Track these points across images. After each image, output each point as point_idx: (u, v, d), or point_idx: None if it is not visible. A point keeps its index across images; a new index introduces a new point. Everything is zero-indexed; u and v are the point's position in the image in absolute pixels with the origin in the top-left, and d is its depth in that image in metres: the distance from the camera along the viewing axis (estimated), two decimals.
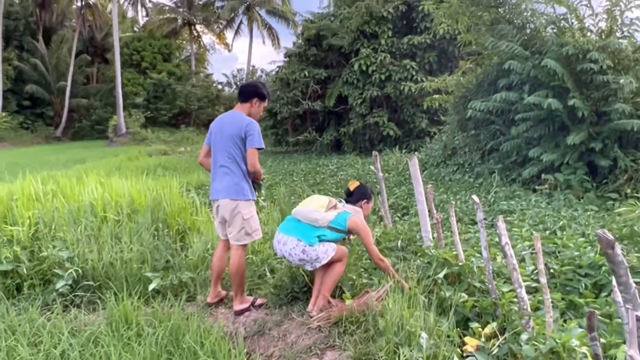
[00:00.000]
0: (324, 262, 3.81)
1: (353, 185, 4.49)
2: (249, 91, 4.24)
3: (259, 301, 4.19)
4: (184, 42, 55.50)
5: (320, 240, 3.84)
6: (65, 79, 43.35)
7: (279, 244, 3.94)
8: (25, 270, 4.58)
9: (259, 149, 4.03)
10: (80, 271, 4.60)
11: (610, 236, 2.00)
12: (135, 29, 54.04)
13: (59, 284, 4.39)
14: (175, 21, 49.42)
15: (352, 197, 4.38)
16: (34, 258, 4.82)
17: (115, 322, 3.59)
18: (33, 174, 7.77)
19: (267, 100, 4.34)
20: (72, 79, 43.34)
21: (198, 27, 52.60)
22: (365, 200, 4.37)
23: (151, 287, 4.40)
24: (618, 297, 2.38)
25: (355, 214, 4.12)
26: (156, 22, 48.18)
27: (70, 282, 4.46)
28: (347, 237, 4.20)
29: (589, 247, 4.70)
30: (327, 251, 3.82)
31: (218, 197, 4.11)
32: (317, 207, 3.93)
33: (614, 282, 2.27)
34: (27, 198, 6.22)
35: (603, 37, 9.60)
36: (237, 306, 4.09)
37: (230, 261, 4.14)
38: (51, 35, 46.30)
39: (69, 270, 4.51)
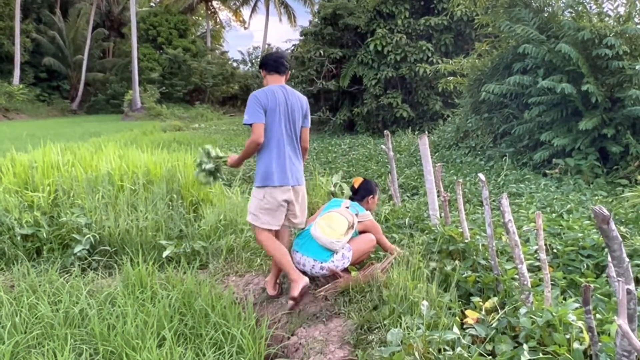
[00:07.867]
0: (347, 264, 3.90)
1: (357, 182, 4.55)
2: (284, 64, 3.91)
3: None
4: (200, 18, 55.29)
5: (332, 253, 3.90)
6: (82, 53, 43.42)
7: (298, 264, 3.93)
8: (44, 234, 4.79)
9: None
10: (97, 237, 4.79)
11: (605, 211, 2.06)
12: (152, 3, 53.85)
13: (77, 248, 4.58)
14: None
15: (358, 194, 4.46)
16: (53, 223, 5.02)
17: (131, 285, 3.76)
18: (51, 144, 7.95)
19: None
20: (88, 52, 43.38)
21: (214, 3, 52.28)
22: (371, 196, 4.47)
23: (165, 254, 4.58)
24: (612, 272, 2.45)
25: (364, 219, 4.18)
26: None
27: (87, 246, 4.65)
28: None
29: (594, 230, 4.76)
30: (343, 257, 3.89)
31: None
32: (337, 237, 3.84)
33: (609, 258, 2.34)
34: (47, 166, 6.40)
35: (621, 22, 9.50)
36: None
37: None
38: (68, 8, 46.30)
39: (87, 236, 4.70)
